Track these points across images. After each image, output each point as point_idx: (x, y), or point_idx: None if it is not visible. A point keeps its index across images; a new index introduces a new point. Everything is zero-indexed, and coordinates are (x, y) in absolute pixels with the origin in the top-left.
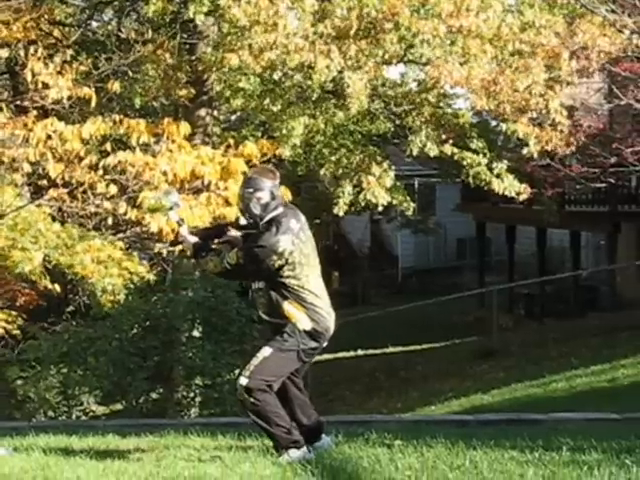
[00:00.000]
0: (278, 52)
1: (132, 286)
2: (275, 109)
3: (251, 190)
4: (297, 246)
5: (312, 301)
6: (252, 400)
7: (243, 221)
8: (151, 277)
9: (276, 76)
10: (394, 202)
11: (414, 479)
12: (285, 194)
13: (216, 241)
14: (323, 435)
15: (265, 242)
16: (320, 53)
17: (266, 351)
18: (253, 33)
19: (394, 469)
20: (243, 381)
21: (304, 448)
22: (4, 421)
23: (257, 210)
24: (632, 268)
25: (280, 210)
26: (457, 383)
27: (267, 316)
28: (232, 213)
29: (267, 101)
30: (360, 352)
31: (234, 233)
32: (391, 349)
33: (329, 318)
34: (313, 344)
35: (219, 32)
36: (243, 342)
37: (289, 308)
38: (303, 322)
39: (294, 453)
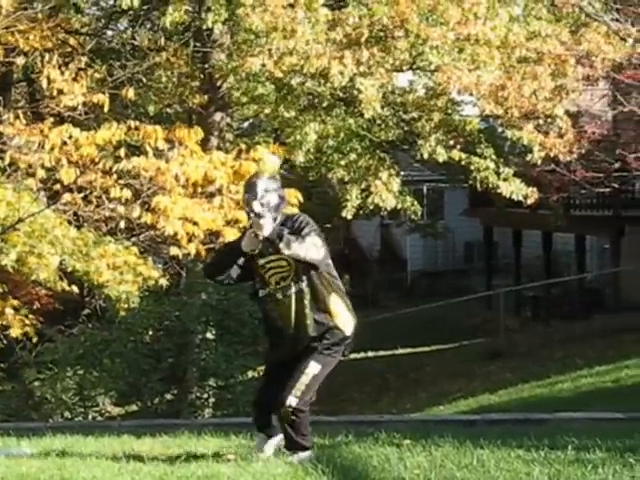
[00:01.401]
0: (297, 58)
1: (146, 290)
2: (289, 115)
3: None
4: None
5: (345, 292)
6: (294, 418)
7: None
8: (164, 281)
9: (294, 81)
10: (401, 206)
11: (422, 478)
12: (296, 197)
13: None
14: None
15: (313, 227)
16: (334, 59)
17: (315, 368)
18: (271, 39)
19: (403, 468)
20: (293, 402)
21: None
22: (22, 422)
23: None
24: (636, 271)
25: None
26: (465, 384)
27: (312, 319)
28: (244, 216)
29: (282, 107)
30: (370, 354)
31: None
32: (400, 351)
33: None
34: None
35: (232, 40)
36: (256, 344)
37: (336, 304)
38: (348, 325)
39: (304, 454)
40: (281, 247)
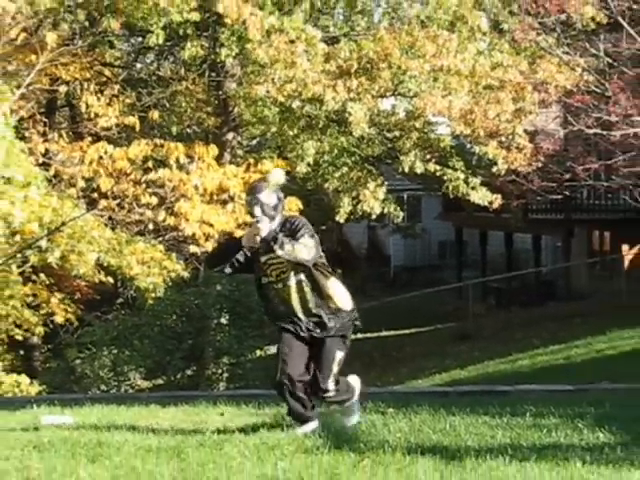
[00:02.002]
0: (296, 85)
1: (170, 282)
2: (291, 134)
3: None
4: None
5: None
6: (334, 394)
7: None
8: (186, 274)
9: (294, 105)
10: (385, 211)
11: (403, 440)
12: (297, 204)
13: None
14: None
15: (308, 229)
16: (328, 87)
17: (340, 354)
18: (275, 70)
19: (387, 432)
20: (330, 386)
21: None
22: (65, 394)
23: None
24: (583, 266)
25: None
26: (439, 361)
27: (313, 302)
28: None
29: (284, 127)
30: (359, 335)
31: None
32: (385, 333)
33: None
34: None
35: (242, 70)
36: (262, 327)
37: (332, 285)
38: (344, 298)
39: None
40: (275, 249)
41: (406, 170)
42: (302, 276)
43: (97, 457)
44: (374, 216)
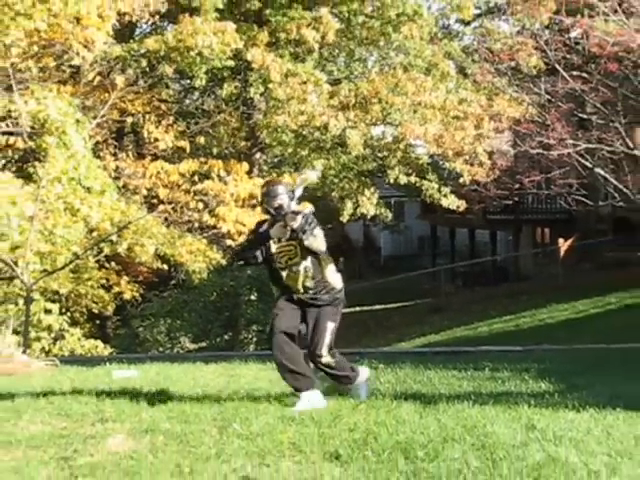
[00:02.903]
0: (307, 116)
1: (212, 267)
2: (303, 153)
3: (272, 197)
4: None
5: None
6: (328, 361)
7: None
8: (224, 262)
9: (305, 132)
10: (377, 213)
11: (391, 389)
12: (308, 208)
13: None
14: None
15: (316, 222)
16: (331, 117)
17: (331, 326)
18: (290, 104)
19: (378, 383)
20: (324, 351)
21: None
22: (131, 354)
23: (282, 209)
24: (528, 255)
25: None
26: (418, 328)
27: (311, 283)
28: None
29: (298, 149)
30: (357, 308)
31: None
32: (376, 307)
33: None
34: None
35: (266, 105)
36: None
37: (330, 270)
38: (338, 280)
39: (358, 382)
40: (304, 238)
41: (392, 181)
42: (308, 262)
43: (155, 402)
44: (369, 216)
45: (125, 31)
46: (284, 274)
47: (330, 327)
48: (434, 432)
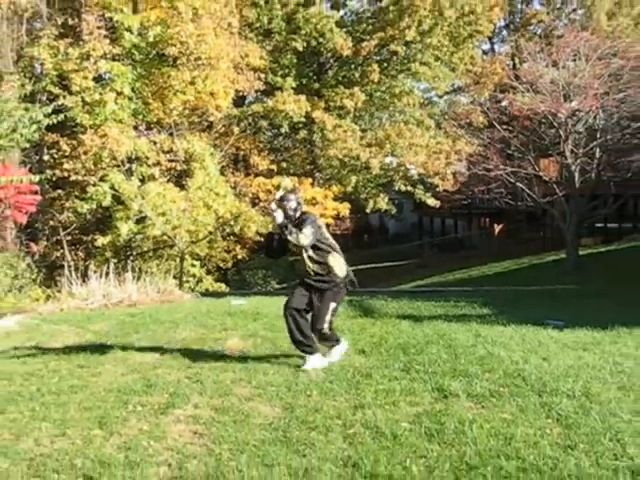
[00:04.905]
0: (347, 150)
1: None
2: (344, 173)
3: (285, 201)
4: (321, 226)
5: (339, 252)
6: (326, 332)
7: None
8: None
9: (346, 160)
10: (387, 208)
11: (395, 312)
12: (345, 206)
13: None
14: None
15: (310, 222)
16: (361, 151)
17: (332, 305)
18: (336, 143)
19: (387, 309)
20: (325, 326)
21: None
22: (241, 290)
23: (290, 211)
24: (475, 234)
25: (304, 209)
26: (410, 277)
27: (316, 267)
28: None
29: (342, 170)
30: (372, 265)
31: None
32: (385, 264)
33: (347, 268)
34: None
35: (322, 143)
36: None
37: (332, 259)
38: (339, 269)
39: (339, 346)
40: (286, 233)
41: (396, 189)
42: (311, 252)
43: (256, 318)
44: (382, 210)
45: (239, 100)
46: (299, 258)
47: (331, 306)
48: (420, 337)
